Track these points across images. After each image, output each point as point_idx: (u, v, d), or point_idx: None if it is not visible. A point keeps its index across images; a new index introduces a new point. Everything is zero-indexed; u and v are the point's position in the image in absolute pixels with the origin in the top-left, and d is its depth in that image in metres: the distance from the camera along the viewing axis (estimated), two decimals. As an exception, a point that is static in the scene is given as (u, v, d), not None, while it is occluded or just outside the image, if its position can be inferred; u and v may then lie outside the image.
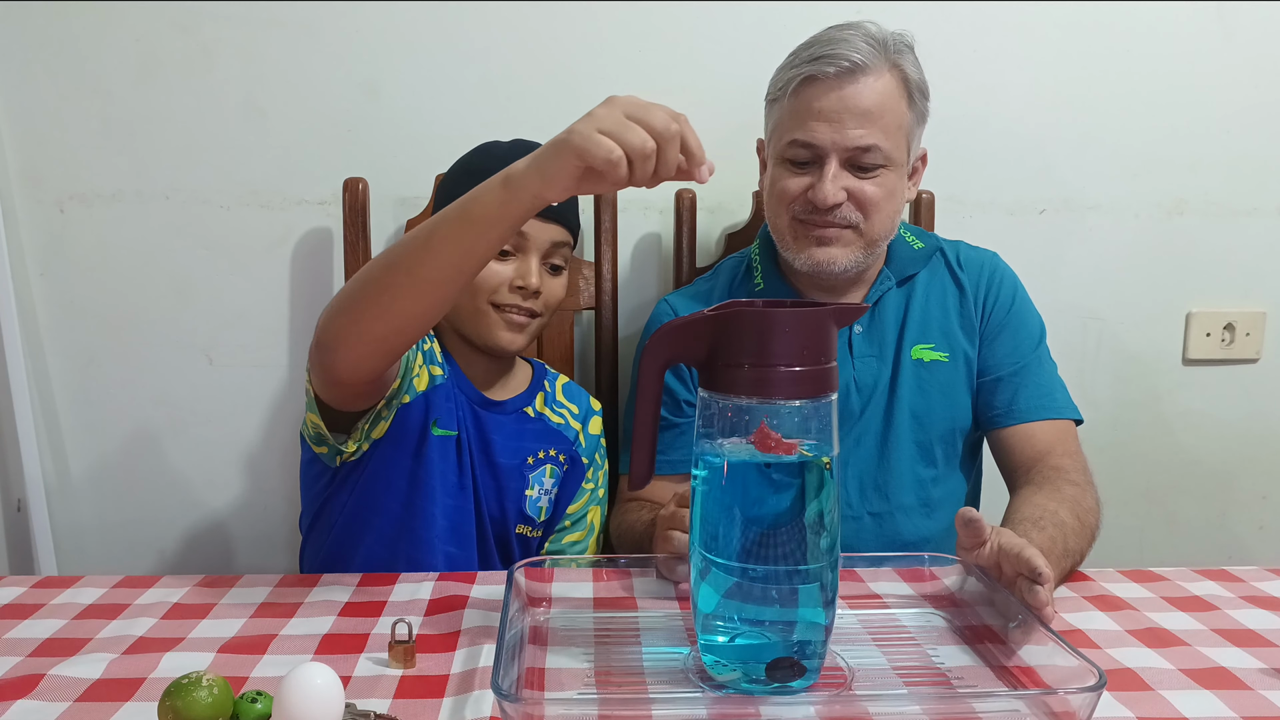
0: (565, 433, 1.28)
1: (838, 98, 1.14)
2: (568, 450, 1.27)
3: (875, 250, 1.21)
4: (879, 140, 1.14)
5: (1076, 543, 1.04)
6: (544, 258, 1.18)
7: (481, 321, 1.17)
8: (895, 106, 1.15)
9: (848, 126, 1.14)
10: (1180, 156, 1.63)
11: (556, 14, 1.51)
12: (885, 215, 1.18)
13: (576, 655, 0.83)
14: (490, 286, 1.16)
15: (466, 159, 1.23)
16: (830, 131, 1.14)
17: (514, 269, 1.16)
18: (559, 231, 1.19)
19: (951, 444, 1.27)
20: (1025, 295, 1.30)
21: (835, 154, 1.15)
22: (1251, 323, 1.68)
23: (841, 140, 1.14)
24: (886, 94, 1.14)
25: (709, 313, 0.75)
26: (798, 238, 1.20)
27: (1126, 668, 0.83)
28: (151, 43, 1.47)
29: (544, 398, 1.28)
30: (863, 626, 0.90)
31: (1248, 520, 1.75)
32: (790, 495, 0.75)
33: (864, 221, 1.17)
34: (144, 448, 1.56)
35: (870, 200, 1.16)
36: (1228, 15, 1.58)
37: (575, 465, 1.28)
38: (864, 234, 1.18)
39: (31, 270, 1.52)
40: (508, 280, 1.16)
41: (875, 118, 1.14)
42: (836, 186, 1.15)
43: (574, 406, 1.31)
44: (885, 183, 1.17)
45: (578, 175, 0.80)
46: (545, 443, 1.26)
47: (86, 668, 0.81)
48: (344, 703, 0.66)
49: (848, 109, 1.13)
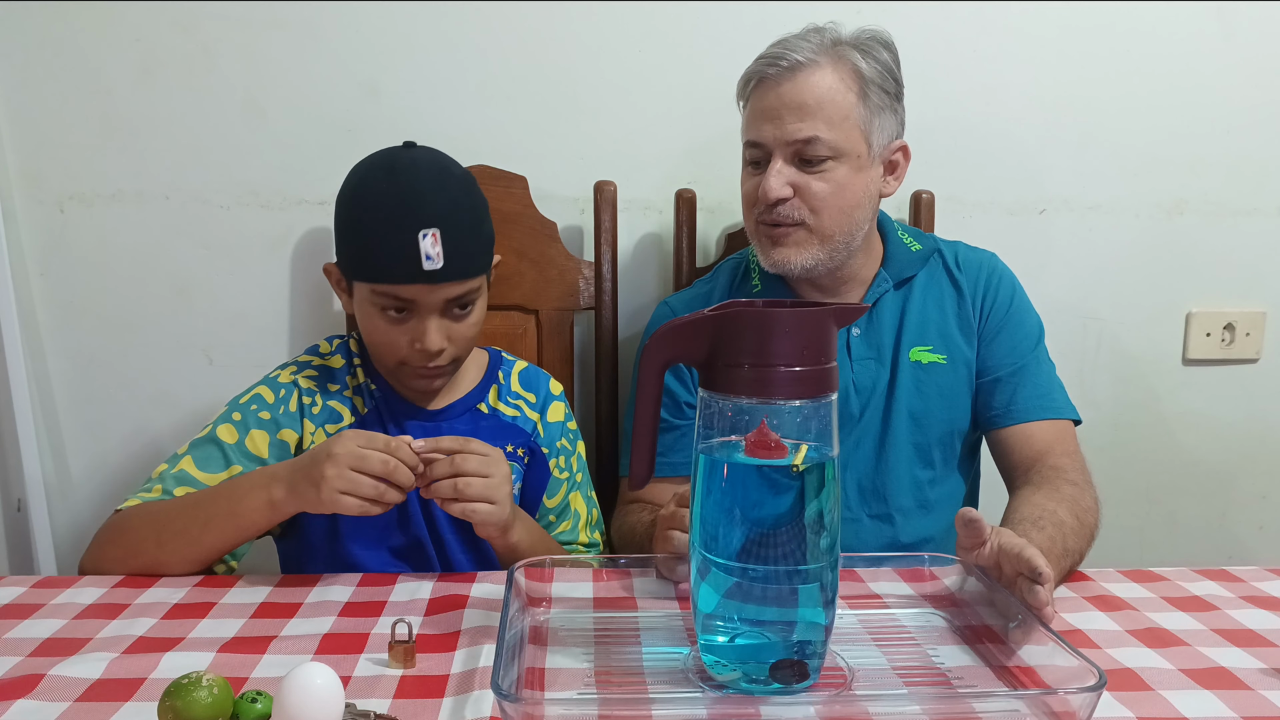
0: (521, 425, 1.23)
1: (776, 95, 1.16)
2: (525, 443, 1.22)
3: (834, 247, 1.20)
4: (819, 132, 1.15)
5: (1076, 542, 1.04)
6: (442, 313, 1.11)
7: (394, 375, 1.17)
8: (839, 99, 1.16)
9: (786, 121, 1.16)
10: (1180, 156, 1.63)
11: (556, 14, 1.51)
12: (836, 210, 1.18)
13: (576, 655, 0.83)
14: (393, 354, 1.12)
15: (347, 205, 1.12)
16: (772, 128, 1.17)
17: (411, 329, 1.10)
18: (452, 288, 1.09)
19: (949, 446, 1.27)
20: (1024, 296, 1.30)
21: (778, 149, 1.17)
22: (1251, 323, 1.68)
23: (781, 135, 1.16)
24: (827, 87, 1.15)
25: (709, 313, 0.75)
26: (759, 240, 1.22)
27: (1126, 668, 0.83)
28: (151, 43, 1.47)
29: (497, 391, 1.24)
30: (863, 626, 0.90)
31: (1248, 520, 1.75)
32: (790, 495, 0.75)
33: (812, 217, 1.18)
34: (144, 448, 1.56)
35: (816, 195, 1.17)
36: (1228, 15, 1.58)
37: (535, 457, 1.23)
38: (815, 230, 1.18)
39: (31, 270, 1.52)
40: (408, 342, 1.11)
41: (813, 110, 1.15)
42: (780, 181, 1.16)
43: (531, 395, 1.25)
44: (834, 177, 1.17)
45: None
46: (500, 439, 1.17)
47: (86, 668, 0.81)
48: (344, 703, 0.66)
49: (785, 104, 1.16)
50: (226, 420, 1.14)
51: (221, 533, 1.03)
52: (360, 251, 1.10)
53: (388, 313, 1.10)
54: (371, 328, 1.13)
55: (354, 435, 0.98)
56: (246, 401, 1.16)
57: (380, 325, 1.12)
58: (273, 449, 1.14)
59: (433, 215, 1.07)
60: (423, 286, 1.08)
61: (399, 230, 1.06)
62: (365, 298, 1.12)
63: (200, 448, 1.12)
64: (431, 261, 1.06)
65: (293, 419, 1.16)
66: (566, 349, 1.53)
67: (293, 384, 1.18)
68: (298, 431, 1.16)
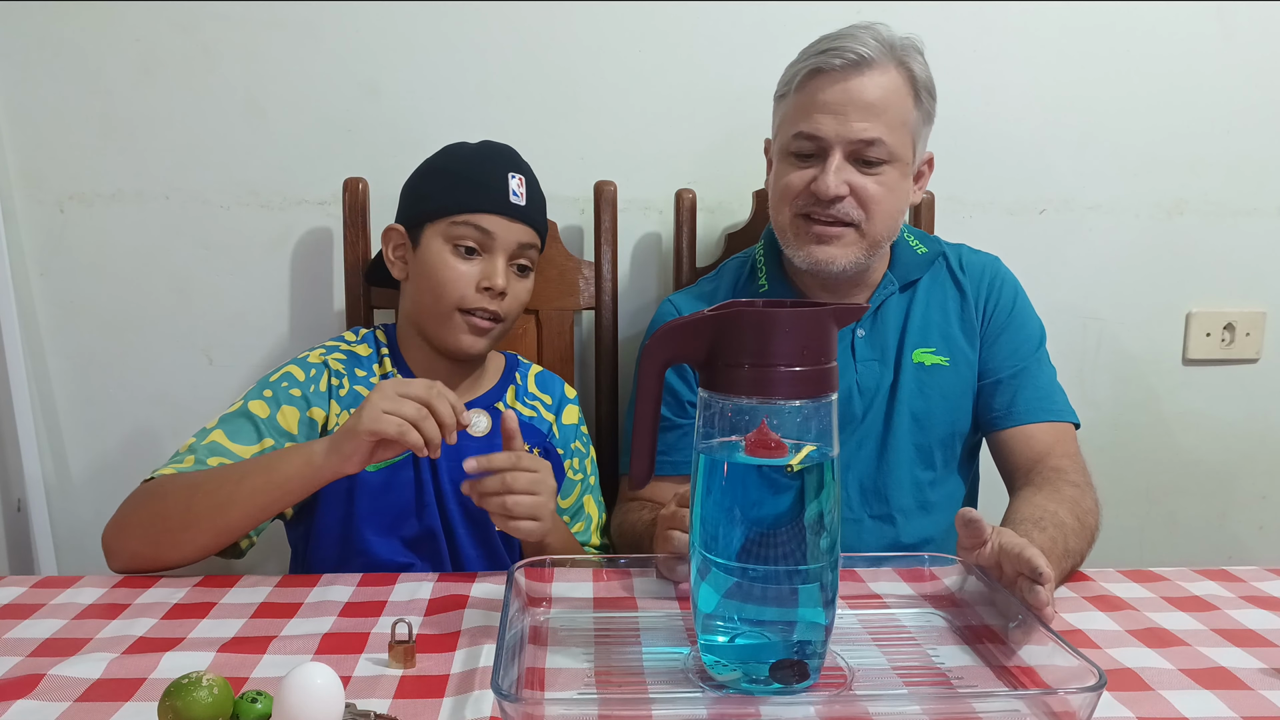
0: (538, 425, 1.26)
1: (842, 89, 1.13)
2: (541, 443, 1.25)
3: (876, 251, 1.21)
4: (882, 134, 1.14)
5: (1077, 543, 1.04)
6: (511, 258, 1.17)
7: (445, 325, 1.17)
8: (900, 103, 1.15)
9: (852, 119, 1.13)
10: (1180, 156, 1.63)
11: (556, 15, 1.51)
12: (887, 214, 1.18)
13: (576, 655, 0.83)
14: (457, 291, 1.15)
15: (433, 160, 1.23)
16: (834, 124, 1.14)
17: (480, 269, 1.16)
18: (526, 232, 1.18)
19: (951, 447, 1.27)
20: (1026, 299, 1.31)
21: (839, 146, 1.14)
22: (1251, 323, 1.68)
23: (845, 132, 1.14)
24: (892, 89, 1.14)
25: (709, 312, 0.75)
26: (799, 234, 1.20)
27: (1126, 668, 0.83)
28: (151, 43, 1.47)
29: (515, 391, 1.27)
30: (863, 626, 0.90)
31: (1248, 520, 1.75)
32: (790, 495, 0.75)
33: (865, 220, 1.17)
34: (144, 448, 1.56)
35: (872, 197, 1.16)
36: (1228, 15, 1.58)
37: (550, 457, 1.25)
38: (865, 233, 1.18)
39: (31, 270, 1.52)
40: (474, 281, 1.15)
41: (879, 111, 1.13)
42: (839, 179, 1.14)
43: (547, 397, 1.29)
44: (888, 180, 1.17)
45: (371, 447, 0.97)
46: None
47: (86, 668, 0.81)
48: (344, 703, 0.66)
49: (852, 101, 1.13)
50: (257, 396, 1.15)
51: (254, 498, 1.01)
52: (449, 188, 1.17)
53: (460, 249, 1.16)
54: (440, 265, 1.16)
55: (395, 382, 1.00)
56: (277, 379, 1.17)
57: (450, 262, 1.16)
58: (302, 426, 1.15)
59: (518, 164, 1.21)
60: (504, 220, 1.15)
61: (491, 166, 1.18)
62: (440, 236, 1.17)
63: (231, 421, 1.13)
64: (518, 198, 1.17)
65: (321, 398, 1.17)
66: (566, 349, 1.53)
67: (323, 364, 1.19)
68: (325, 410, 1.17)
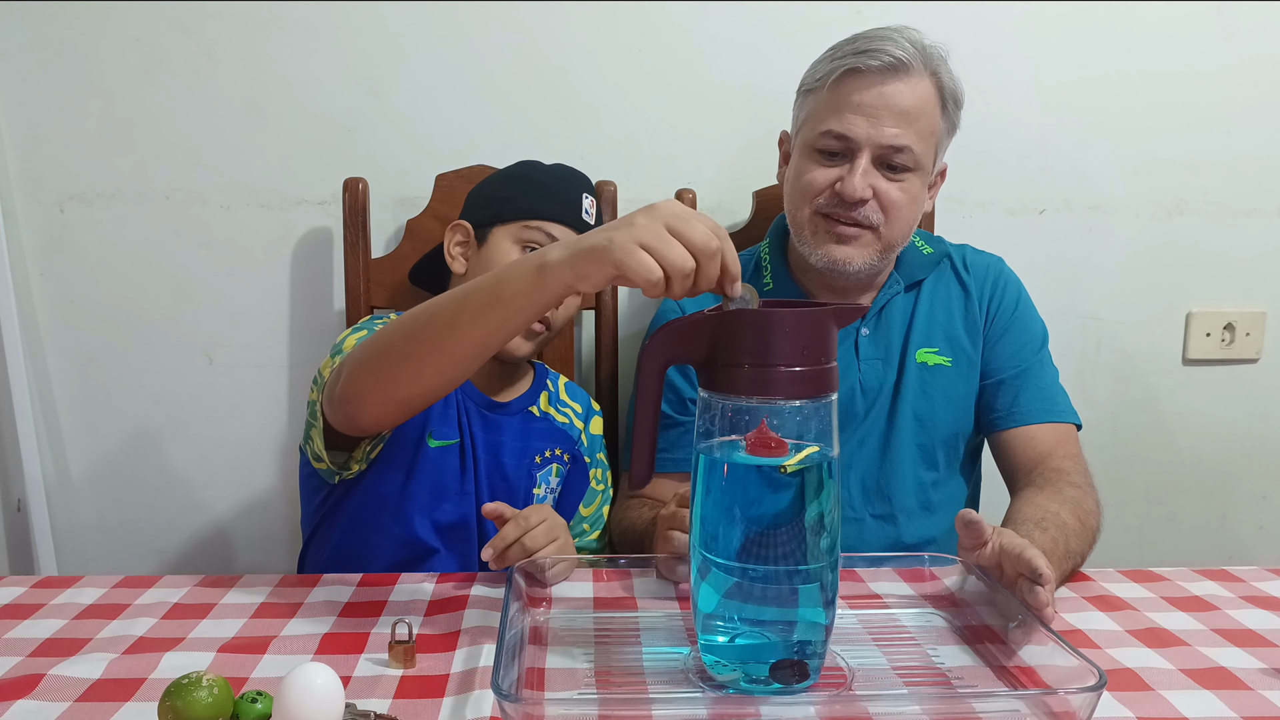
0: (570, 432, 1.29)
1: (878, 93, 1.13)
2: (571, 449, 1.28)
3: (889, 256, 1.21)
4: (912, 142, 1.14)
5: (1078, 544, 1.04)
6: None
7: None
8: (931, 112, 1.15)
9: (885, 123, 1.13)
10: (1180, 156, 1.63)
11: (556, 15, 1.51)
12: (905, 221, 1.18)
13: (576, 655, 0.83)
14: None
15: (512, 169, 1.27)
16: (867, 126, 1.13)
17: None
18: None
19: (953, 448, 1.27)
20: (1029, 300, 1.31)
21: (868, 149, 1.14)
22: (1251, 323, 1.68)
23: (877, 136, 1.13)
24: (924, 98, 1.14)
25: (709, 312, 0.75)
26: (817, 233, 1.19)
27: (1126, 668, 0.83)
28: (151, 43, 1.47)
29: (548, 397, 1.29)
30: (863, 626, 0.90)
31: (1248, 520, 1.75)
32: (790, 495, 0.75)
33: (885, 224, 1.17)
34: (144, 448, 1.56)
35: (894, 203, 1.16)
36: (1228, 15, 1.58)
37: (577, 463, 1.29)
38: (883, 237, 1.18)
39: (31, 270, 1.52)
40: None
41: (912, 119, 1.13)
42: (865, 182, 1.14)
43: (577, 406, 1.32)
44: (910, 188, 1.16)
45: (611, 277, 0.79)
46: (551, 441, 1.26)
47: (86, 668, 0.81)
48: (344, 703, 0.66)
49: (886, 106, 1.13)
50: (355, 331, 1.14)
51: (478, 320, 0.87)
52: (527, 194, 1.21)
53: (526, 252, 1.17)
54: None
55: (672, 210, 0.79)
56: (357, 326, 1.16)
57: None
58: None
59: (592, 189, 1.25)
60: (572, 234, 1.17)
61: (569, 184, 1.23)
62: (509, 237, 1.19)
63: (362, 326, 1.14)
64: (588, 216, 1.22)
65: None
66: (566, 349, 1.53)
67: None
68: None
